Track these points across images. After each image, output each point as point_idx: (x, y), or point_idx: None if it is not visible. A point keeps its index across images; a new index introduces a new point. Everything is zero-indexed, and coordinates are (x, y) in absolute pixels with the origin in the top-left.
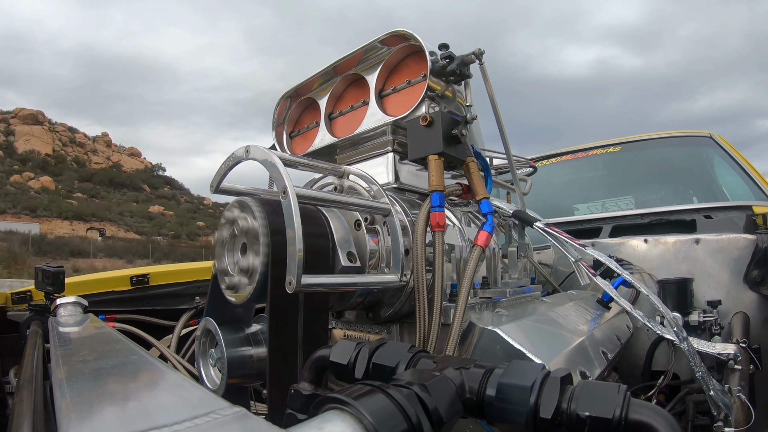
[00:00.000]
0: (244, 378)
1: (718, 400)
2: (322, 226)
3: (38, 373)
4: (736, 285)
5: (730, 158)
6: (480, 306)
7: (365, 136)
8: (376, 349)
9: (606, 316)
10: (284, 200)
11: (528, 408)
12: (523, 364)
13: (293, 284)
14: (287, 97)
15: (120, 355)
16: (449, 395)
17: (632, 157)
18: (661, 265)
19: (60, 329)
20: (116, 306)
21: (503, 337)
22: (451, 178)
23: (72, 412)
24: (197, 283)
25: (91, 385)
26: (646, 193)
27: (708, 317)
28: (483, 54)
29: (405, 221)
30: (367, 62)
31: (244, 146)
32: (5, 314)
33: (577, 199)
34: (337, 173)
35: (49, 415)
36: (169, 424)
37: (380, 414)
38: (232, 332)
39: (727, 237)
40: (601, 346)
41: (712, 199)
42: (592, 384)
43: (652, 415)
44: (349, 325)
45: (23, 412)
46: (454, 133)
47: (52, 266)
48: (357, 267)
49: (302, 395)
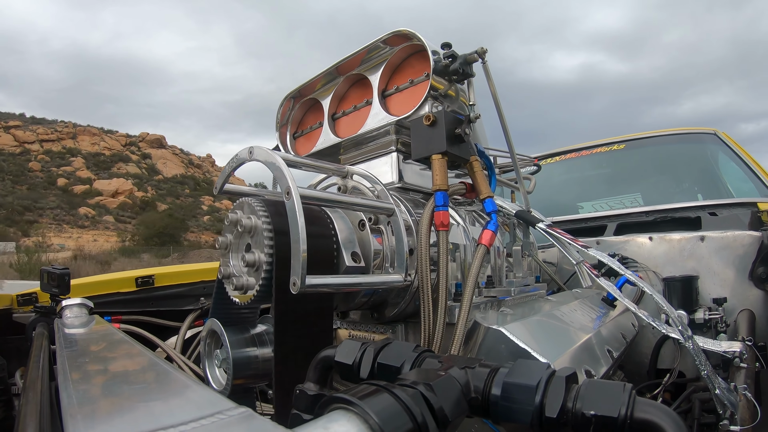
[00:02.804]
0: (249, 378)
1: (723, 398)
2: (326, 226)
3: (44, 375)
4: (741, 282)
5: (734, 155)
6: (485, 305)
7: (369, 136)
8: (381, 348)
9: (611, 315)
10: (288, 201)
11: (533, 407)
12: (529, 363)
13: (298, 285)
14: (290, 98)
15: (125, 357)
16: (454, 395)
17: (636, 154)
18: (666, 262)
19: (66, 331)
20: (122, 307)
21: (508, 336)
22: (454, 177)
23: (78, 413)
24: (202, 284)
25: (97, 387)
26: (651, 190)
27: (713, 315)
28: (486, 53)
29: (409, 221)
30: (369, 62)
31: (248, 147)
32: (11, 316)
33: (582, 197)
34: (340, 173)
35: (55, 416)
36: (175, 424)
37: (386, 413)
38: (237, 333)
39: (732, 234)
40: (607, 345)
41: (717, 196)
42: (598, 383)
43: (657, 414)
44: (354, 325)
45: (29, 414)
46: (458, 132)
47: (58, 268)
48: (361, 267)
49: (308, 395)
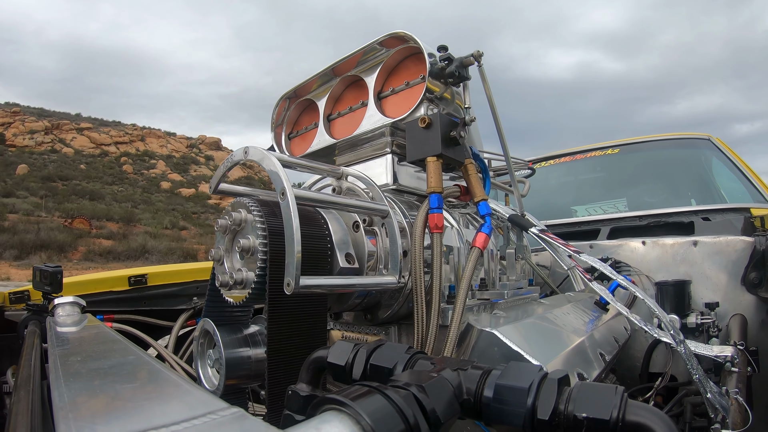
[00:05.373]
0: (242, 379)
1: (715, 402)
2: (320, 227)
3: (36, 373)
4: (733, 287)
5: (728, 160)
6: (478, 307)
7: (364, 138)
8: (373, 350)
9: (604, 318)
10: (283, 201)
11: (525, 409)
12: (521, 365)
13: (291, 285)
14: (286, 98)
15: (118, 356)
16: (447, 396)
17: (630, 159)
18: (659, 267)
19: (58, 329)
20: (114, 306)
21: (501, 339)
22: (449, 179)
23: (69, 412)
24: (195, 284)
25: (88, 386)
26: (644, 195)
27: (706, 319)
28: (482, 56)
29: (403, 223)
30: (365, 64)
31: (243, 147)
32: (3, 314)
33: (576, 200)
34: (335, 175)
35: (47, 415)
36: (166, 424)
37: (378, 415)
38: (230, 333)
39: (725, 239)
40: (599, 348)
41: (710, 201)
42: (590, 385)
43: (649, 417)
44: (347, 326)
45: (21, 412)
46: (453, 135)
47: (50, 266)
48: (355, 268)
49: (300, 396)
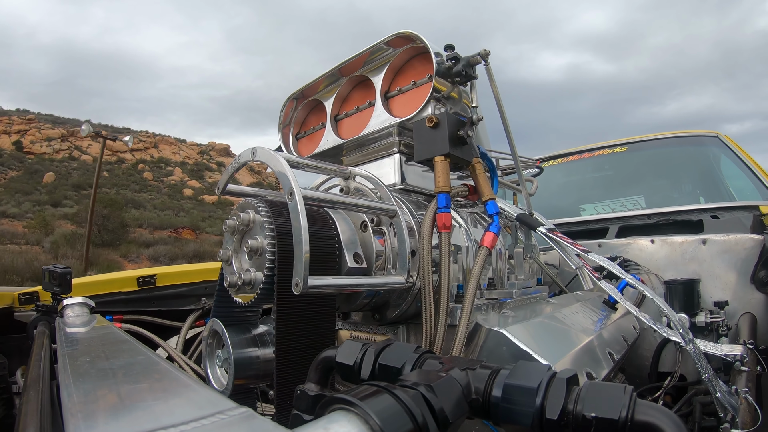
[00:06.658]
0: (250, 379)
1: (724, 401)
2: (328, 227)
3: (45, 374)
4: (743, 286)
5: (737, 158)
6: (486, 307)
7: (371, 138)
8: (382, 350)
9: (612, 317)
10: (291, 202)
11: (534, 409)
12: (529, 365)
13: (300, 285)
14: (293, 99)
15: (127, 356)
16: (455, 396)
17: (639, 157)
18: (667, 265)
19: (67, 330)
20: (123, 307)
21: (509, 338)
22: (457, 179)
23: (79, 412)
24: (204, 284)
25: (97, 386)
26: (653, 193)
27: (715, 318)
28: (489, 55)
29: (411, 222)
30: (372, 64)
31: (251, 148)
32: (12, 315)
33: (584, 199)
34: (343, 175)
35: (56, 415)
36: (176, 424)
37: (386, 414)
38: (239, 333)
39: (734, 237)
40: (608, 347)
41: (719, 199)
42: (599, 385)
43: (658, 416)
44: (355, 326)
45: (30, 413)
46: (460, 134)
47: (59, 267)
48: (363, 268)
49: (308, 396)
